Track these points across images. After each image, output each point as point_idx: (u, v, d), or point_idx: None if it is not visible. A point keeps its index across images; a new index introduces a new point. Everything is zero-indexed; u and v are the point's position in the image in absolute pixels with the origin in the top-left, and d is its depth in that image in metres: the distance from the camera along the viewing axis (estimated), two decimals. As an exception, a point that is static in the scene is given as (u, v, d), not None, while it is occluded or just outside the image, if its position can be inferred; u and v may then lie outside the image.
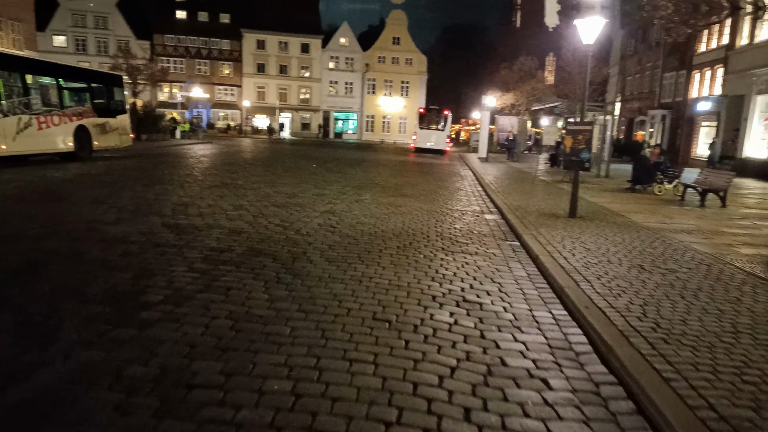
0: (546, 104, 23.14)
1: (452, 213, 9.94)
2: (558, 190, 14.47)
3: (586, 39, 9.10)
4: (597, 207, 11.25)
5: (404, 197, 11.61)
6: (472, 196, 13.11)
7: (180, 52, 58.63)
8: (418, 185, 14.68)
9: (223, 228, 6.89)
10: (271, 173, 15.49)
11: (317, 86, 62.34)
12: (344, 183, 13.71)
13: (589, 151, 9.34)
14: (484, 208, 11.17)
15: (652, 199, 13.38)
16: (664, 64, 36.01)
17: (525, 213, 10.01)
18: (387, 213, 9.22)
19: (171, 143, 29.73)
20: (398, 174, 17.91)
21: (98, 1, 55.10)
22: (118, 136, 18.08)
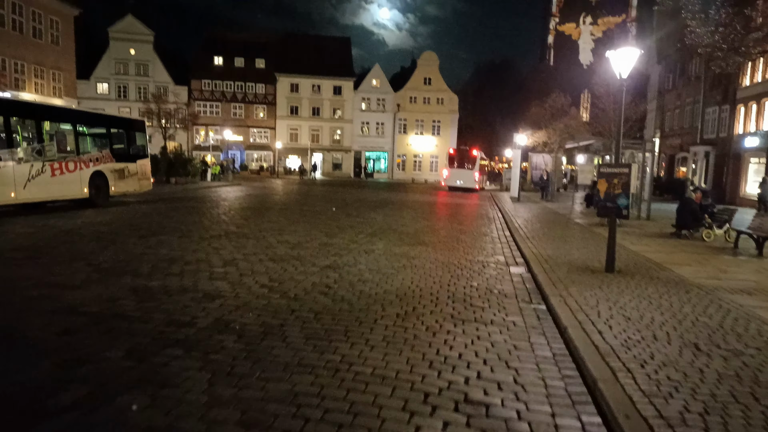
0: (580, 142, 21.98)
1: (472, 265, 8.90)
2: (593, 236, 13.22)
3: (621, 72, 8.13)
4: (638, 257, 9.99)
5: (421, 246, 10.63)
6: (498, 244, 12.02)
7: (216, 97, 60.08)
8: (440, 231, 13.68)
9: (199, 292, 6.06)
10: (285, 218, 14.79)
11: (349, 127, 62.70)
12: (359, 229, 12.85)
13: (628, 196, 8.22)
14: (510, 258, 10.07)
15: (700, 246, 11.99)
16: (705, 98, 34.46)
17: (555, 265, 8.88)
18: (397, 267, 8.25)
19: (200, 186, 29.70)
20: (421, 217, 16.98)
21: (140, 49, 57.27)
22: (137, 180, 17.82)
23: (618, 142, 8.09)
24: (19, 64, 30.22)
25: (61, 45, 34.56)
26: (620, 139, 8.08)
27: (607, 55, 7.95)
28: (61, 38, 34.39)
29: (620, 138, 8.06)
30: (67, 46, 35.36)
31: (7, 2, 28.77)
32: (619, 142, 8.11)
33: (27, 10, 30.38)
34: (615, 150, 8.12)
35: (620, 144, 8.13)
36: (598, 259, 9.51)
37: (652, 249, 11.27)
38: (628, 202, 8.23)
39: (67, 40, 35.26)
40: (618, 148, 8.16)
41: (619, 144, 8.09)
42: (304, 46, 62.91)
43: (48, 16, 32.61)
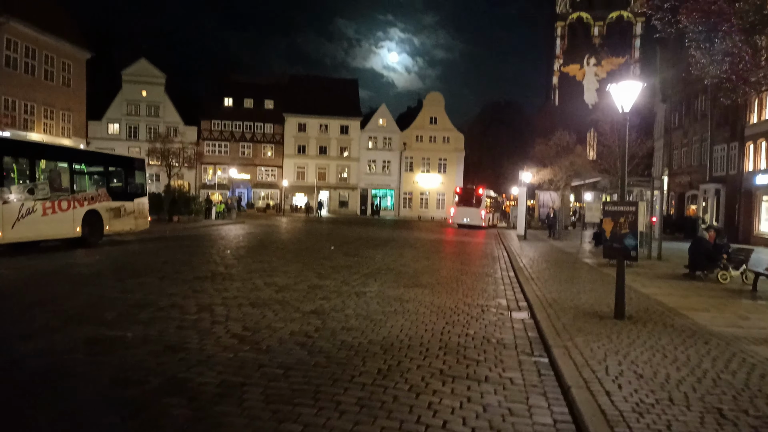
0: (586, 179, 21.51)
1: (470, 310, 8.28)
2: (602, 277, 12.56)
3: (623, 106, 7.69)
4: (650, 302, 9.32)
5: (418, 288, 10.04)
6: (501, 285, 11.40)
7: (225, 136, 60.67)
8: (440, 271, 13.08)
9: (161, 343, 5.50)
10: (279, 258, 14.29)
11: (355, 165, 62.84)
12: (355, 269, 12.28)
13: (635, 236, 7.65)
14: (513, 302, 9.44)
15: (716, 289, 11.28)
16: (712, 136, 34.06)
17: (561, 310, 8.25)
18: (387, 312, 7.66)
19: (202, 224, 29.37)
20: (423, 256, 16.39)
21: (152, 91, 58.24)
22: (133, 219, 17.47)
23: (623, 178, 7.57)
24: (29, 106, 30.55)
25: (72, 87, 35.08)
26: (625, 175, 7.57)
27: (609, 90, 7.51)
28: (72, 80, 34.92)
29: (625, 174, 7.55)
30: (78, 87, 35.89)
31: (21, 47, 29.28)
32: (624, 179, 7.59)
33: (40, 53, 30.93)
34: (620, 187, 7.60)
35: (626, 181, 7.60)
36: (607, 303, 8.86)
37: (664, 292, 10.59)
38: (636, 242, 7.65)
39: (78, 82, 35.79)
40: (623, 186, 7.62)
41: (624, 181, 7.57)
42: (312, 87, 63.79)
43: (60, 59, 33.19)
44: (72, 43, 33.88)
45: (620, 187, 7.96)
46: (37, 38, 30.25)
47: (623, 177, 7.90)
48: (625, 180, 7.90)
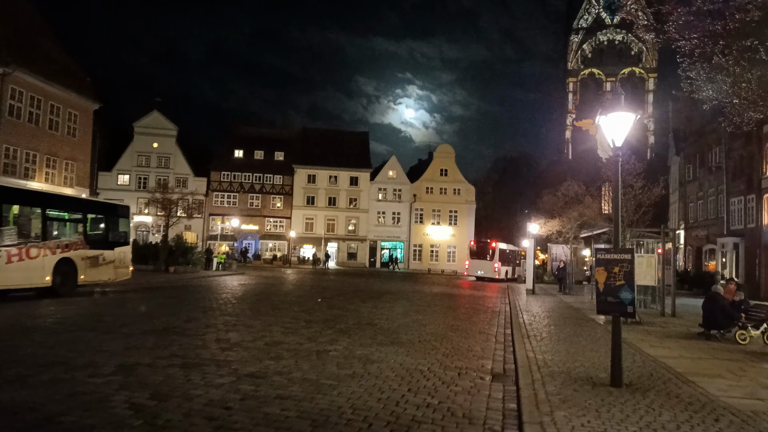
0: (594, 230, 20.42)
1: (444, 374, 7.17)
2: (607, 336, 11.30)
3: (614, 141, 6.83)
4: (656, 365, 8.11)
5: (393, 346, 8.95)
6: (491, 343, 10.24)
7: (234, 188, 60.84)
8: (427, 326, 11.94)
9: (38, 412, 4.51)
10: (253, 311, 13.28)
11: (365, 216, 62.32)
12: (331, 324, 11.23)
13: (632, 289, 6.60)
14: (499, 363, 8.30)
15: (733, 351, 9.99)
16: (728, 188, 32.95)
17: (550, 375, 7.11)
18: (342, 376, 6.59)
19: (198, 275, 28.57)
20: (415, 310, 15.25)
21: (163, 143, 59.04)
22: (113, 269, 16.71)
23: (617, 223, 6.61)
24: (31, 155, 30.62)
25: (78, 137, 35.33)
26: (619, 218, 6.61)
27: (598, 122, 6.67)
28: (78, 130, 35.20)
29: (619, 217, 6.59)
30: (83, 137, 36.16)
31: (26, 96, 29.64)
32: (618, 223, 6.62)
33: (45, 103, 31.28)
34: (614, 232, 6.62)
35: (620, 225, 6.62)
36: (607, 366, 7.68)
37: (674, 354, 9.34)
38: (632, 296, 6.59)
39: (84, 132, 36.10)
40: (617, 231, 6.65)
41: (618, 225, 6.60)
42: (323, 139, 64.40)
43: (66, 109, 33.56)
44: (79, 93, 34.36)
45: (614, 233, 6.97)
46: (44, 88, 30.67)
47: (617, 221, 6.93)
48: (618, 224, 6.92)
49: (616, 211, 6.87)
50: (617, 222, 6.90)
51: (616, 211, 6.87)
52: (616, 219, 6.89)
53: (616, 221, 6.89)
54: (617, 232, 6.91)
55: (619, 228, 6.91)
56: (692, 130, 40.80)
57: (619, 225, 6.90)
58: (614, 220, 6.92)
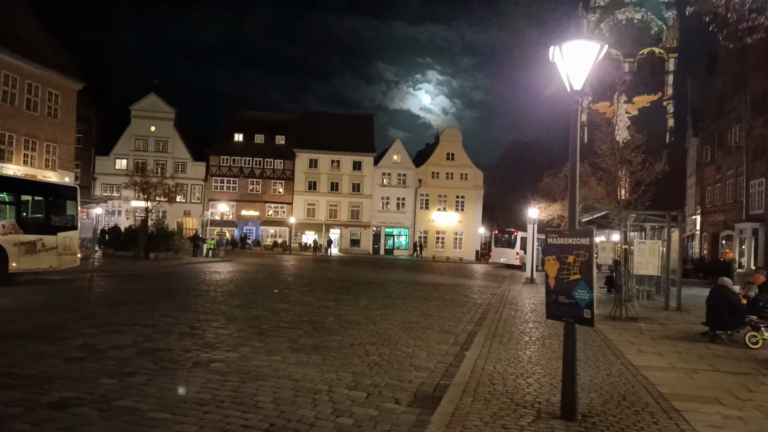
0: (594, 214, 18.46)
1: (344, 397, 5.48)
2: (591, 338, 9.50)
3: (571, 81, 5.00)
4: (634, 382, 6.30)
5: (309, 353, 7.26)
6: (447, 346, 8.50)
7: (234, 173, 59.40)
8: (379, 324, 10.21)
9: None
10: (179, 304, 11.66)
11: (368, 202, 60.51)
12: (258, 321, 9.59)
13: (590, 286, 4.78)
14: (439, 375, 6.58)
15: (740, 357, 8.12)
16: (748, 170, 30.56)
17: (488, 397, 5.39)
18: (193, 402, 4.92)
19: (180, 262, 27.18)
20: (382, 304, 13.53)
21: (160, 127, 57.76)
22: (56, 256, 15.23)
23: (573, 193, 4.78)
24: (7, 136, 29.32)
25: (60, 118, 33.95)
26: (576, 188, 4.78)
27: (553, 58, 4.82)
28: (60, 111, 33.85)
29: (576, 186, 4.76)
30: (66, 119, 34.77)
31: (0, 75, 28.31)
32: (575, 193, 4.80)
33: (22, 82, 29.89)
34: (569, 207, 4.79)
35: (576, 199, 4.79)
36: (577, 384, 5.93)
37: (665, 363, 7.50)
38: (591, 295, 4.77)
39: (67, 114, 34.70)
40: (573, 203, 4.83)
41: (574, 195, 4.78)
42: (325, 123, 62.49)
43: (46, 89, 32.16)
44: (60, 72, 32.88)
45: (569, 208, 5.16)
46: (19, 66, 29.24)
47: (573, 192, 5.11)
48: (575, 195, 5.10)
49: (572, 178, 5.05)
50: (574, 193, 5.08)
51: (572, 180, 5.06)
52: (572, 189, 5.08)
53: (573, 192, 5.07)
54: (573, 208, 5.09)
55: (576, 201, 5.08)
56: (711, 109, 38.28)
57: (576, 196, 5.08)
58: (570, 191, 5.11)
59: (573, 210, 5.09)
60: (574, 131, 5.07)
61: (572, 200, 5.07)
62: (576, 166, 5.04)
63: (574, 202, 5.08)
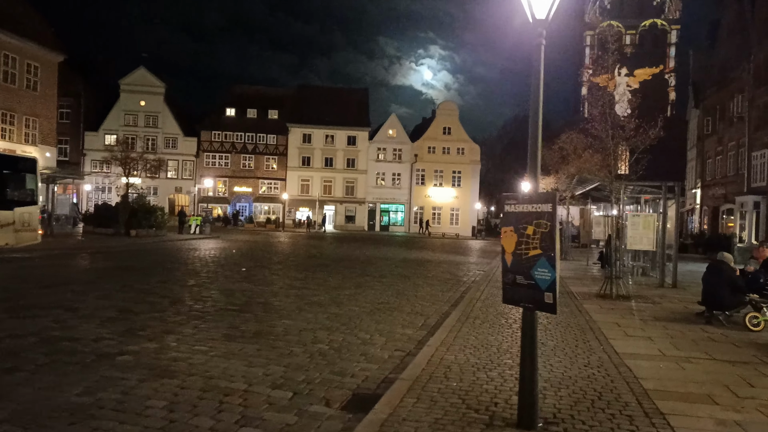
0: (587, 186, 17.47)
1: (264, 398, 4.60)
2: (575, 319, 8.60)
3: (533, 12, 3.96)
4: (616, 375, 5.39)
5: (243, 341, 6.37)
6: (412, 331, 7.61)
7: (226, 148, 58.17)
8: (344, 305, 9.32)
9: None
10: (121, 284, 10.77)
11: (363, 178, 59.41)
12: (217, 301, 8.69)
13: (552, 263, 3.81)
14: (387, 370, 5.68)
15: (740, 342, 7.21)
16: (750, 141, 29.43)
17: (436, 396, 4.50)
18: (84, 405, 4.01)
19: (160, 239, 26.26)
20: (355, 283, 12.63)
21: (150, 101, 56.39)
22: (12, 233, 14.31)
23: (534, 147, 3.75)
24: (-21, 109, 28.22)
25: (40, 91, 32.76)
26: (537, 141, 3.75)
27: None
28: (40, 84, 32.62)
29: (537, 139, 3.73)
30: (47, 92, 33.56)
31: (-30, 45, 27.05)
32: (536, 148, 3.78)
33: (-4, 53, 28.68)
34: (530, 169, 3.75)
35: (538, 160, 3.76)
36: (545, 376, 5.05)
37: (653, 350, 6.59)
38: (553, 275, 3.81)
39: (47, 87, 33.49)
40: (536, 163, 3.83)
41: (535, 150, 3.76)
42: (319, 98, 60.93)
43: (24, 60, 30.89)
44: (40, 44, 31.54)
45: (529, 169, 4.16)
46: (-8, 36, 27.94)
47: (534, 146, 4.11)
48: (537, 150, 4.10)
49: (534, 130, 4.05)
50: (535, 148, 4.09)
51: (534, 131, 4.06)
52: (533, 143, 4.08)
53: (534, 147, 4.08)
54: (534, 166, 4.10)
55: (538, 156, 4.09)
56: (713, 79, 36.93)
57: (537, 151, 4.08)
58: (531, 145, 4.11)
59: (534, 169, 4.10)
60: (537, 72, 4.04)
61: (533, 157, 4.08)
62: (538, 114, 4.03)
63: (535, 160, 4.08)
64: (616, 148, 11.26)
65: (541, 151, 4.09)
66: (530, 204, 4.00)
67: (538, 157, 4.07)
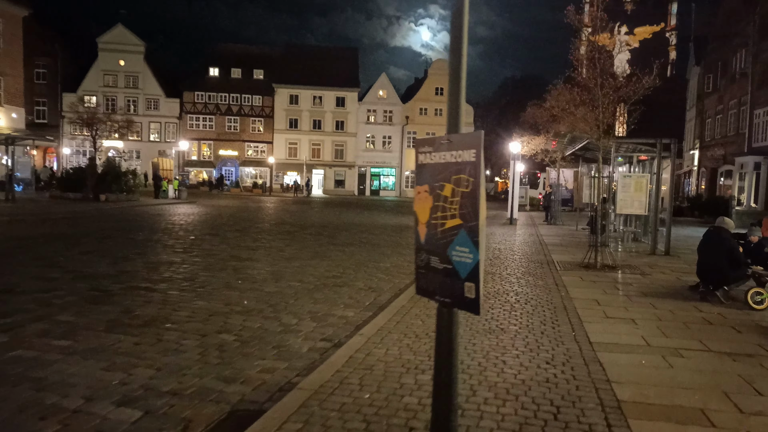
0: (576, 145, 16.08)
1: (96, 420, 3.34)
2: (550, 295, 7.39)
3: None
4: (580, 381, 4.17)
5: (139, 329, 5.14)
6: (350, 312, 6.42)
7: (210, 110, 56.12)
8: (291, 278, 8.08)
9: None
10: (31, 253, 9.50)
11: (352, 141, 57.66)
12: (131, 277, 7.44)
13: (474, 240, 2.51)
14: (286, 374, 4.46)
15: (741, 325, 6.02)
16: (753, 98, 27.88)
17: (340, 414, 3.29)
18: None
19: (130, 204, 24.93)
20: (314, 253, 11.41)
21: (130, 61, 54.10)
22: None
23: (457, 74, 2.33)
24: (-67, 66, 26.38)
25: (4, 48, 30.81)
26: (461, 65, 2.32)
27: None
28: (2, 40, 30.65)
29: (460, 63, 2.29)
30: (12, 48, 31.59)
31: None
32: (460, 76, 2.35)
33: (-51, 5, 26.63)
34: (449, 102, 2.34)
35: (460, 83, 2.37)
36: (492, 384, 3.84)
37: (636, 339, 5.38)
38: (476, 257, 2.51)
39: (12, 42, 31.51)
40: (457, 92, 2.43)
41: (459, 82, 2.34)
42: (307, 57, 58.55)
43: (-17, 14, 28.90)
44: (0, -4, 29.43)
45: (449, 102, 2.80)
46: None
47: (455, 73, 2.74)
48: (460, 82, 2.74)
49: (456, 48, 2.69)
50: (458, 72, 2.73)
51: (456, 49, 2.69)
52: (454, 70, 2.72)
53: (456, 71, 2.73)
54: (456, 97, 2.75)
55: (460, 85, 2.74)
56: (716, 34, 35.05)
57: (459, 77, 2.73)
58: (451, 70, 2.76)
59: (455, 102, 2.75)
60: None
61: (454, 83, 2.73)
62: (463, 21, 2.66)
63: (457, 86, 2.74)
64: (605, 99, 9.84)
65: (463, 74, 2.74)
66: (448, 151, 2.68)
67: (460, 88, 2.73)
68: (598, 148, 11.92)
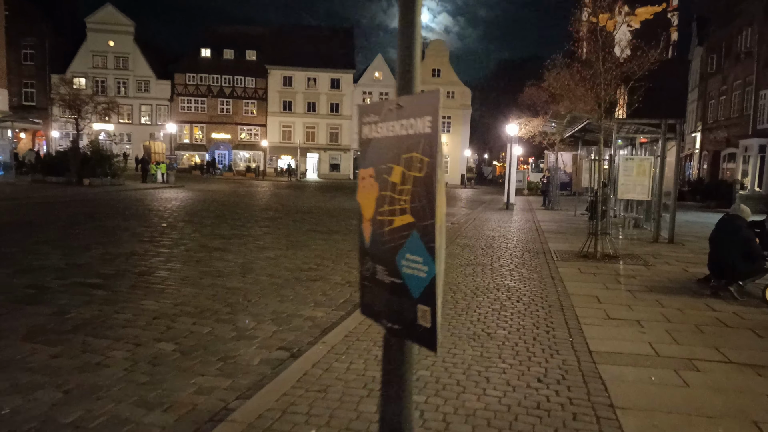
0: (575, 126, 15.27)
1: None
2: (545, 291, 6.66)
3: None
4: (579, 406, 3.44)
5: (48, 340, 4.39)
6: (318, 312, 5.70)
7: (202, 92, 54.98)
8: (261, 270, 7.34)
9: None
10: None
11: (348, 123, 56.61)
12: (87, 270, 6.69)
13: (430, 244, 1.75)
14: (227, 395, 3.73)
15: (762, 327, 5.29)
16: (758, 79, 26.99)
17: None
18: None
19: (115, 189, 24.10)
20: (298, 242, 10.68)
21: (120, 41, 52.85)
22: None
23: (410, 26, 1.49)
24: None
25: (-20, 26, 29.73)
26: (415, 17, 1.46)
27: None
28: (-20, 18, 29.56)
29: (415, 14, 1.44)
30: (-9, 28, 30.51)
31: None
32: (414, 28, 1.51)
33: None
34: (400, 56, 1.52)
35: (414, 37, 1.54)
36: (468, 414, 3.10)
37: (643, 347, 4.65)
38: (432, 268, 1.75)
39: (-9, 22, 30.41)
40: (412, 46, 1.61)
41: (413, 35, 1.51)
42: (301, 38, 57.22)
43: (-42, -9, 27.75)
44: (-28, -30, 28.26)
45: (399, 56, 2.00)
46: None
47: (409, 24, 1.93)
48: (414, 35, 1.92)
49: None
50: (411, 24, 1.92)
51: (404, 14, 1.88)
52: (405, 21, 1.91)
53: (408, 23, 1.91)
54: (410, 52, 1.95)
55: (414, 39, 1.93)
56: (720, 13, 33.97)
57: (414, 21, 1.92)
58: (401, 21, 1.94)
59: (408, 45, 1.96)
60: None
61: (407, 16, 1.94)
62: None
63: (411, 39, 1.94)
64: (607, 75, 9.01)
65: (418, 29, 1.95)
66: (398, 120, 1.91)
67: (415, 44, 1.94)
68: (599, 129, 11.11)
